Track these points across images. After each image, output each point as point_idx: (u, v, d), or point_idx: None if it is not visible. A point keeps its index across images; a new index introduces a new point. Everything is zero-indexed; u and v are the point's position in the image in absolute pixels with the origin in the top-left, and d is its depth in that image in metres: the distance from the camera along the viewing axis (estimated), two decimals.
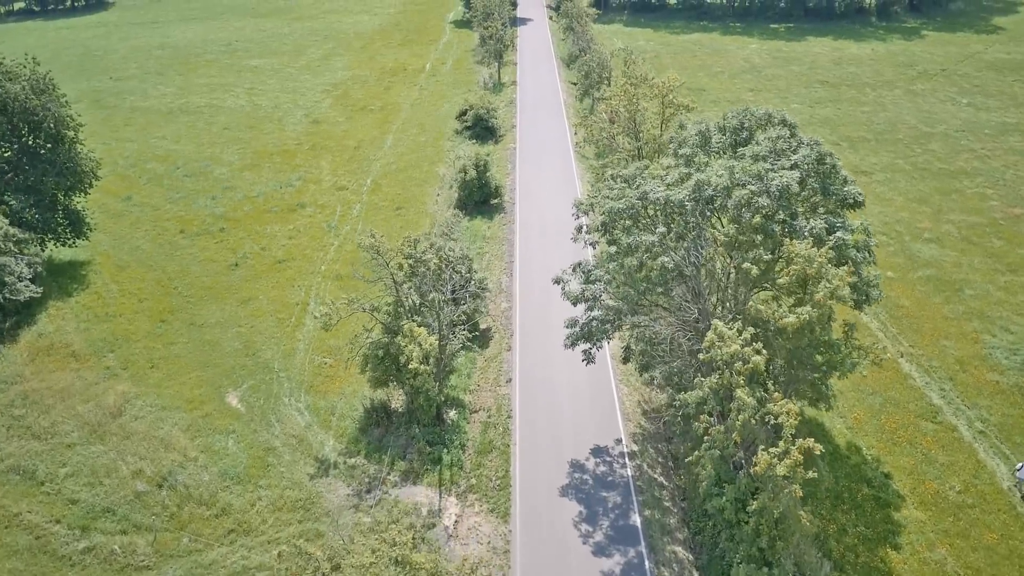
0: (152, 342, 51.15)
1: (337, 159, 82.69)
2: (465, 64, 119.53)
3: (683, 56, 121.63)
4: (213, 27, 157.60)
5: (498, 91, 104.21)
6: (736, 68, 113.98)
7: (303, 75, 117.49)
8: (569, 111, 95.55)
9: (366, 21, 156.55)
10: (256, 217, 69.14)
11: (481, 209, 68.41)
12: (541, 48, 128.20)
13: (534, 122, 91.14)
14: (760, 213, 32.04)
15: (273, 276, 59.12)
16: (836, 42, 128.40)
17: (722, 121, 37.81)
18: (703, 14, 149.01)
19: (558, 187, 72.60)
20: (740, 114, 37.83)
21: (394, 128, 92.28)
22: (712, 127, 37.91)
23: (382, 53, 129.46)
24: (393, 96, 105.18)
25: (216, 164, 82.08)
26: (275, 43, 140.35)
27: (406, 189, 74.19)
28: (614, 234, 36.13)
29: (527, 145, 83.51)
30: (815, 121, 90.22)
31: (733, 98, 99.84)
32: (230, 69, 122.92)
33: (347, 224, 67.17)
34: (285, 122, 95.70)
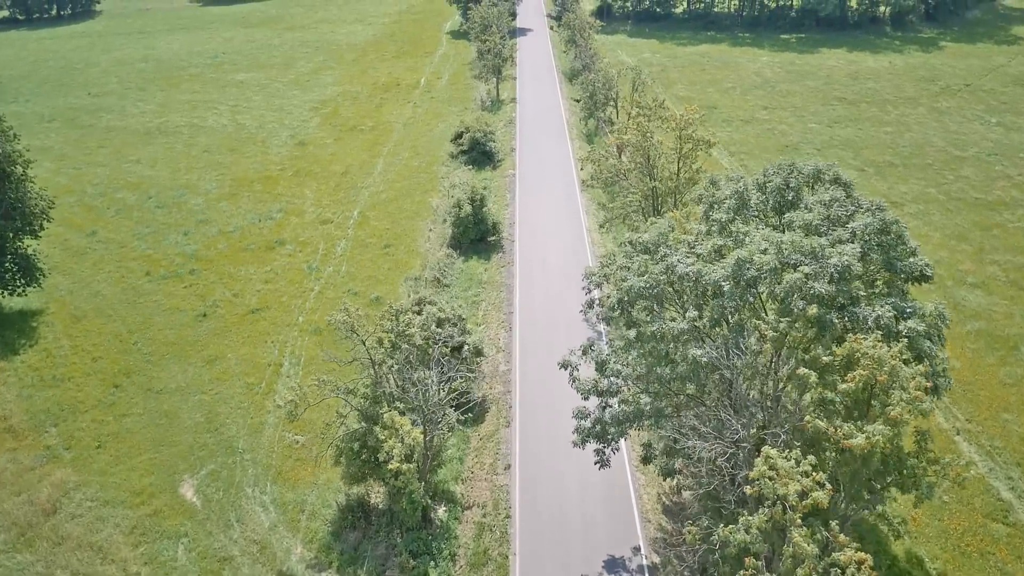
0: (102, 413, 44.97)
1: (322, 187, 76.56)
2: (462, 78, 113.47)
3: (691, 69, 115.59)
4: (201, 38, 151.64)
5: (496, 109, 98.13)
6: (748, 83, 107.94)
7: (291, 91, 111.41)
8: (572, 132, 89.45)
9: (359, 32, 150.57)
10: (230, 256, 62.97)
11: (477, 248, 62.26)
12: (542, 61, 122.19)
13: (535, 145, 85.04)
14: (817, 302, 25.91)
15: (245, 329, 52.94)
16: (851, 54, 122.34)
17: (762, 178, 31.66)
18: (710, 23, 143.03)
19: (562, 221, 66.46)
20: (784, 170, 31.60)
21: (385, 151, 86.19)
22: (750, 184, 31.68)
23: (375, 66, 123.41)
24: (385, 114, 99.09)
25: (192, 193, 75.94)
26: (264, 55, 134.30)
27: (396, 223, 68.04)
28: (633, 315, 30.01)
29: (527, 172, 77.38)
30: (836, 143, 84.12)
31: (747, 116, 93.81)
32: (215, 84, 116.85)
33: (330, 265, 61.02)
34: (269, 144, 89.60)
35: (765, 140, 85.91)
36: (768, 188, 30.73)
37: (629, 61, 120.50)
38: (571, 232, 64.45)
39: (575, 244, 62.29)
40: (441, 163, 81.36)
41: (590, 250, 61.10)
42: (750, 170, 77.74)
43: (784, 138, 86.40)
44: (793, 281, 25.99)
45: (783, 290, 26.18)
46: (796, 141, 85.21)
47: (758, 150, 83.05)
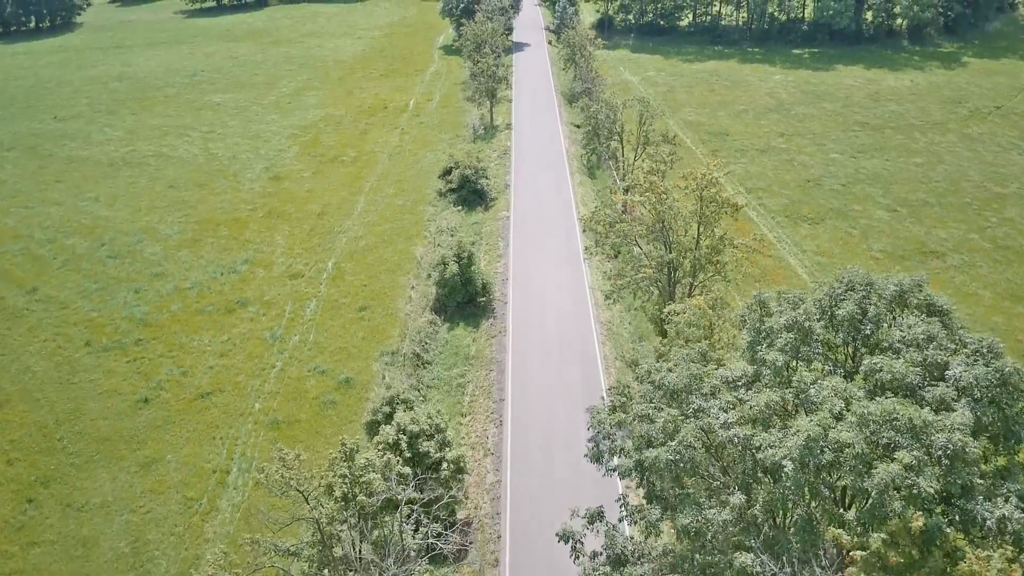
0: (7, 541, 37.30)
1: (295, 231, 68.92)
2: (454, 101, 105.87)
3: (699, 89, 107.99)
4: (181, 53, 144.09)
5: (490, 137, 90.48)
6: (760, 105, 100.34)
7: (270, 115, 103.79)
8: (573, 164, 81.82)
9: (347, 47, 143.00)
10: (184, 321, 55.29)
11: (464, 312, 54.57)
12: (540, 81, 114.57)
13: (532, 180, 77.40)
14: (923, 508, 18.26)
15: (191, 419, 45.27)
16: (869, 72, 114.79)
17: (827, 299, 23.87)
18: (717, 38, 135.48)
19: (562, 276, 58.80)
20: (855, 290, 23.71)
21: (367, 186, 78.55)
22: (812, 309, 23.75)
23: (361, 86, 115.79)
24: (370, 142, 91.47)
25: (150, 239, 68.28)
26: (245, 73, 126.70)
27: (374, 277, 60.37)
28: (657, 487, 22.36)
29: (524, 214, 69.72)
30: (862, 177, 76.49)
31: (762, 145, 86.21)
32: (189, 106, 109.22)
33: (296, 333, 53.35)
34: (241, 178, 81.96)
35: (784, 173, 78.28)
36: (838, 318, 23.05)
37: (633, 80, 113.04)
38: (572, 290, 56.78)
39: (577, 307, 54.63)
40: (428, 202, 73.72)
41: (593, 313, 53.41)
42: (768, 209, 70.20)
43: (805, 171, 78.77)
44: (888, 476, 18.31)
45: (874, 487, 18.50)
46: (818, 175, 77.58)
47: (777, 185, 75.44)
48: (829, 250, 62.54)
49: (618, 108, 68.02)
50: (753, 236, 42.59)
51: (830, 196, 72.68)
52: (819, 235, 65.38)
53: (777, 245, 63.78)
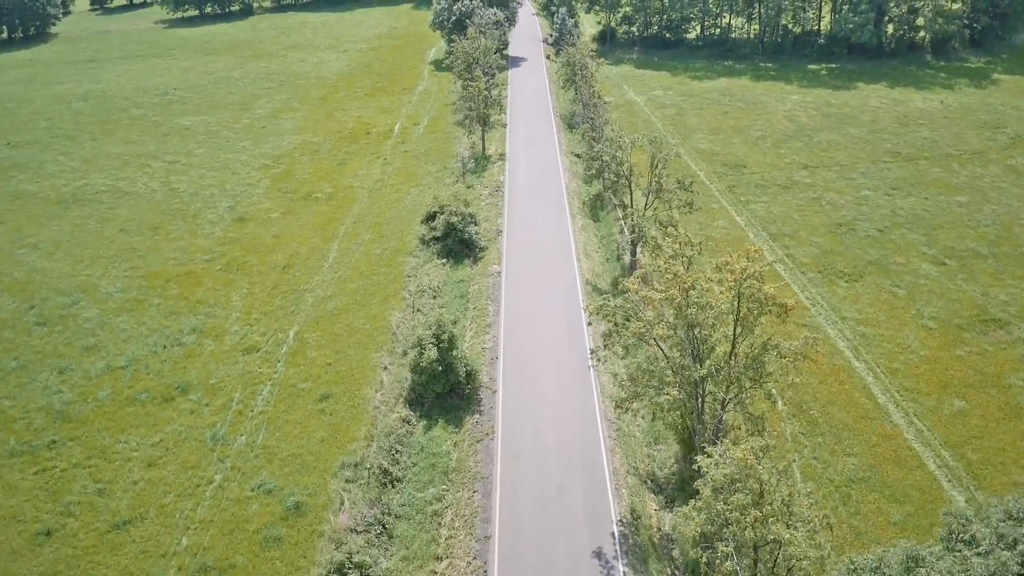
0: None
1: (256, 290, 60.03)
2: (443, 125, 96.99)
3: (711, 112, 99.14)
4: (155, 68, 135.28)
5: (481, 169, 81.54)
6: (779, 131, 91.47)
7: (242, 141, 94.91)
8: (574, 203, 72.91)
9: (332, 61, 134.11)
10: (111, 414, 46.37)
11: (445, 405, 45.61)
12: (537, 101, 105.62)
13: (528, 224, 68.52)
14: None
15: (100, 562, 36.31)
16: (893, 91, 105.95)
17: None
18: (727, 52, 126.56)
19: (562, 354, 49.85)
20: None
21: (342, 230, 69.68)
22: None
23: (344, 107, 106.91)
24: (348, 175, 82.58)
25: (88, 299, 59.39)
26: (220, 92, 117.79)
27: (341, 353, 51.42)
28: None
29: (517, 269, 60.78)
30: (901, 220, 67.61)
31: (784, 179, 77.33)
32: (156, 131, 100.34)
33: (242, 432, 44.42)
34: (201, 220, 73.04)
35: (811, 215, 69.36)
36: None
37: (638, 101, 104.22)
38: (574, 375, 47.85)
39: (581, 397, 45.70)
40: (409, 251, 64.80)
41: (600, 409, 44.50)
42: (797, 261, 61.32)
43: (835, 212, 69.88)
44: None
45: None
46: (851, 217, 68.69)
47: (805, 230, 66.54)
48: (873, 317, 53.60)
49: (626, 147, 59.05)
50: (805, 339, 33.51)
51: (866, 244, 63.78)
52: (859, 296, 56.45)
53: (811, 309, 54.89)
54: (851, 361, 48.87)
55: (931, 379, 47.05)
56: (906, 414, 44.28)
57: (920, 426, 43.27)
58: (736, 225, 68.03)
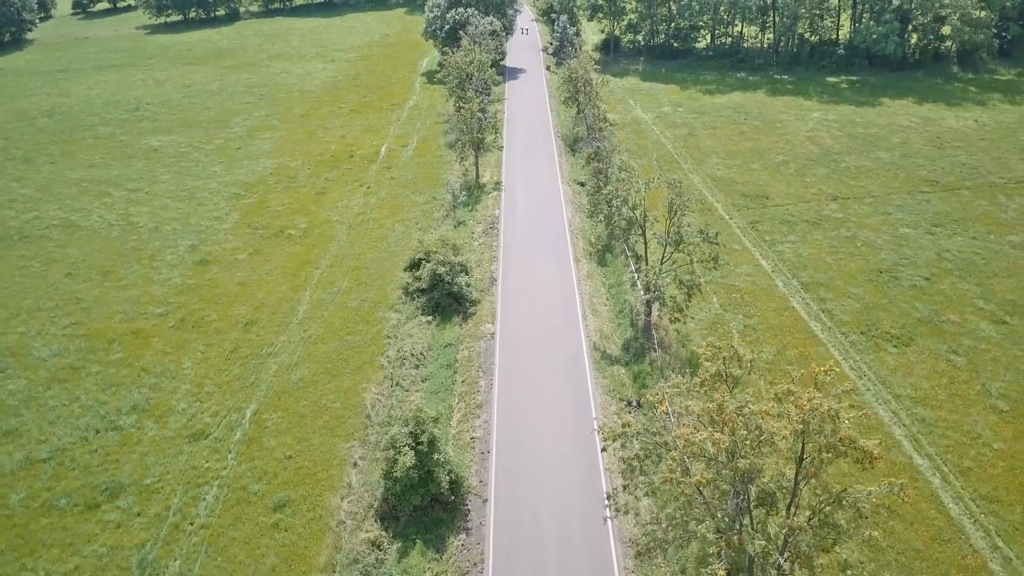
0: None
1: (212, 353, 51.94)
2: (433, 146, 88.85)
3: (725, 131, 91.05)
4: (130, 79, 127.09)
5: (474, 201, 73.39)
6: (802, 154, 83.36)
7: (213, 165, 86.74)
8: (577, 243, 64.83)
9: (318, 72, 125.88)
10: (21, 528, 38.29)
11: (425, 520, 37.49)
12: (536, 119, 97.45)
13: (526, 270, 60.43)
14: None
15: None
16: (922, 107, 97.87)
17: None
18: (739, 63, 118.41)
19: (568, 456, 41.73)
20: None
21: (316, 276, 61.60)
22: None
23: (327, 125, 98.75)
24: (327, 207, 74.46)
25: (17, 365, 51.31)
26: (195, 107, 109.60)
27: (305, 442, 43.36)
28: None
29: (514, 329, 52.66)
30: (949, 267, 59.52)
31: (813, 214, 69.21)
32: (121, 152, 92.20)
33: (175, 555, 36.29)
34: (159, 262, 64.94)
35: (847, 259, 61.30)
36: None
37: (646, 119, 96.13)
38: (581, 486, 39.76)
39: (590, 504, 37.61)
40: (391, 304, 56.71)
41: (614, 531, 36.39)
42: (836, 319, 53.22)
43: (873, 255, 61.81)
44: None
45: None
46: (891, 262, 60.61)
47: (841, 278, 58.44)
48: (931, 395, 45.54)
49: (641, 189, 50.85)
50: (889, 485, 25.36)
51: (913, 297, 55.71)
52: (912, 365, 48.36)
53: (859, 384, 46.82)
54: (912, 456, 40.84)
55: (1011, 482, 39.01)
56: (987, 534, 36.23)
57: (1008, 552, 35.23)
58: (762, 272, 59.95)
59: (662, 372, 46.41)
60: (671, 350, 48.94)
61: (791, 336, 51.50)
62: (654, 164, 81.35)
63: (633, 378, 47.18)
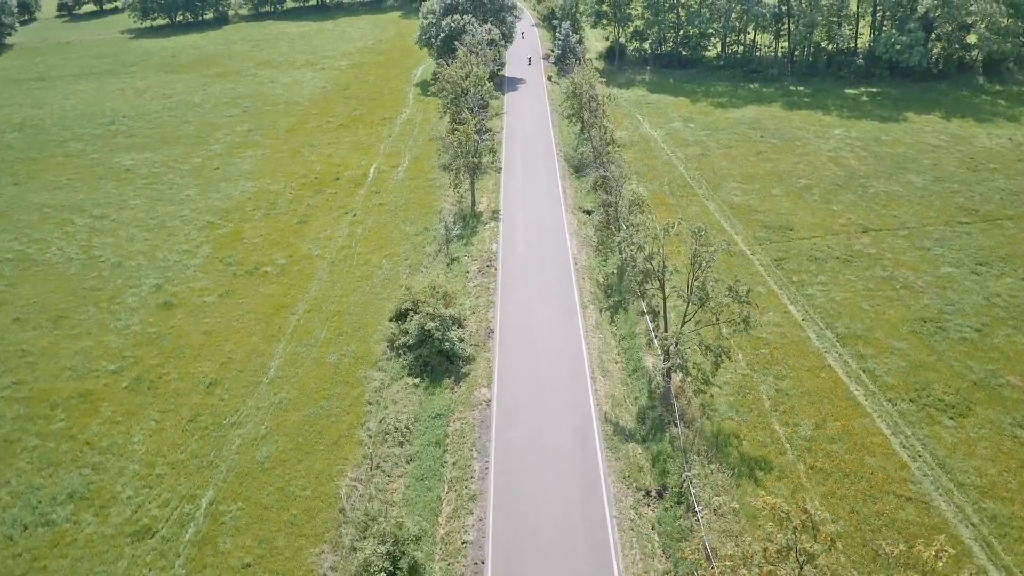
0: None
1: (168, 422, 45.44)
2: (425, 167, 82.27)
3: (741, 150, 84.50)
4: (108, 89, 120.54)
5: (469, 233, 66.81)
6: (826, 177, 76.81)
7: (188, 187, 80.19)
8: (583, 284, 58.28)
9: (307, 82, 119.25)
10: None
11: None
12: (537, 136, 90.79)
13: (527, 318, 53.86)
14: None
15: None
16: (950, 123, 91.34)
17: None
18: (752, 73, 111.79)
19: (580, 568, 35.23)
20: None
21: (292, 323, 55.10)
22: None
23: (313, 142, 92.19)
24: (308, 238, 67.94)
25: None
26: (174, 120, 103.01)
27: (267, 545, 36.80)
28: None
29: (513, 396, 46.11)
30: (1001, 314, 52.97)
31: (843, 249, 62.69)
32: (90, 173, 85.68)
33: None
34: (119, 305, 58.44)
35: (885, 305, 54.74)
36: None
37: (655, 136, 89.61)
38: None
39: None
40: (373, 361, 50.17)
41: None
42: (880, 381, 46.72)
43: (914, 299, 55.28)
44: None
45: None
46: (936, 308, 54.06)
47: (881, 329, 51.91)
48: (1000, 483, 39.05)
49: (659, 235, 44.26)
50: None
51: (965, 353, 49.18)
52: (972, 443, 41.86)
53: (912, 467, 40.33)
54: (988, 569, 34.34)
55: None
56: None
57: None
58: (791, 321, 53.42)
59: (685, 454, 39.94)
60: (694, 425, 42.44)
61: (830, 404, 45.01)
62: (666, 189, 74.85)
63: (652, 460, 40.71)
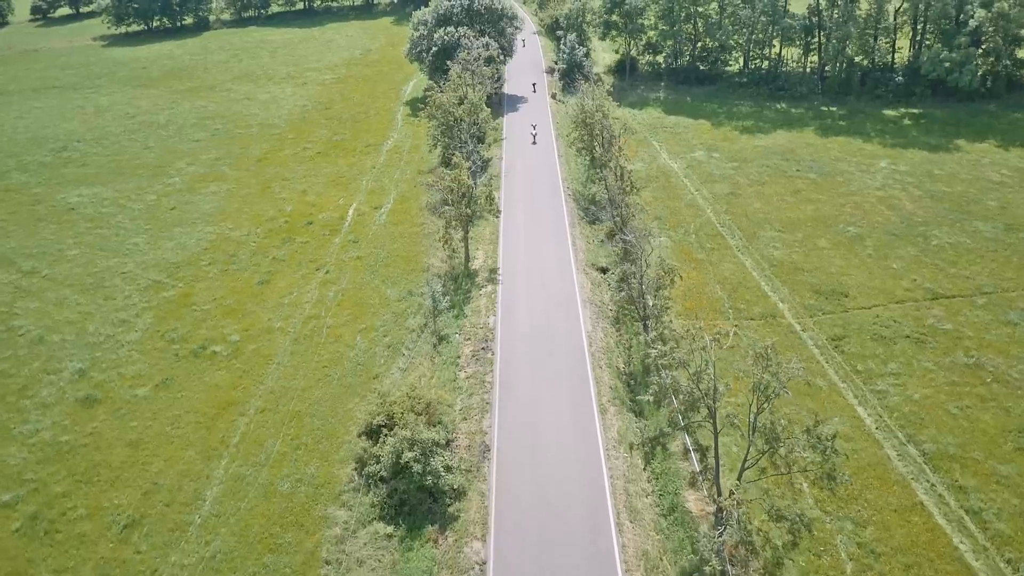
0: None
1: None
2: (412, 208, 71.24)
3: (776, 187, 73.54)
4: (69, 105, 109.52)
5: (462, 300, 55.84)
6: (878, 224, 65.87)
7: (137, 234, 69.24)
8: (602, 376, 47.30)
9: (286, 99, 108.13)
10: None
11: None
12: (541, 170, 79.45)
13: (532, 430, 42.90)
14: None
15: None
16: (1009, 153, 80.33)
17: None
18: (778, 90, 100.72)
19: None
20: None
21: (240, 428, 44.25)
22: None
23: (286, 175, 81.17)
24: (270, 304, 57.02)
25: None
26: (134, 146, 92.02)
27: None
28: None
29: (517, 556, 35.18)
30: None
31: (912, 325, 51.81)
32: (29, 214, 74.71)
33: None
34: (30, 399, 47.56)
35: (976, 407, 43.87)
36: None
37: (674, 168, 78.74)
38: None
39: None
40: (337, 492, 39.29)
41: None
42: (987, 528, 36.02)
43: (1012, 399, 44.42)
44: None
45: None
46: None
47: (977, 444, 41.08)
48: None
49: (708, 346, 33.42)
50: None
51: None
52: None
53: None
54: None
55: None
56: None
57: None
58: (863, 431, 42.52)
59: None
60: None
61: (931, 570, 34.19)
62: (693, 240, 63.99)
63: None
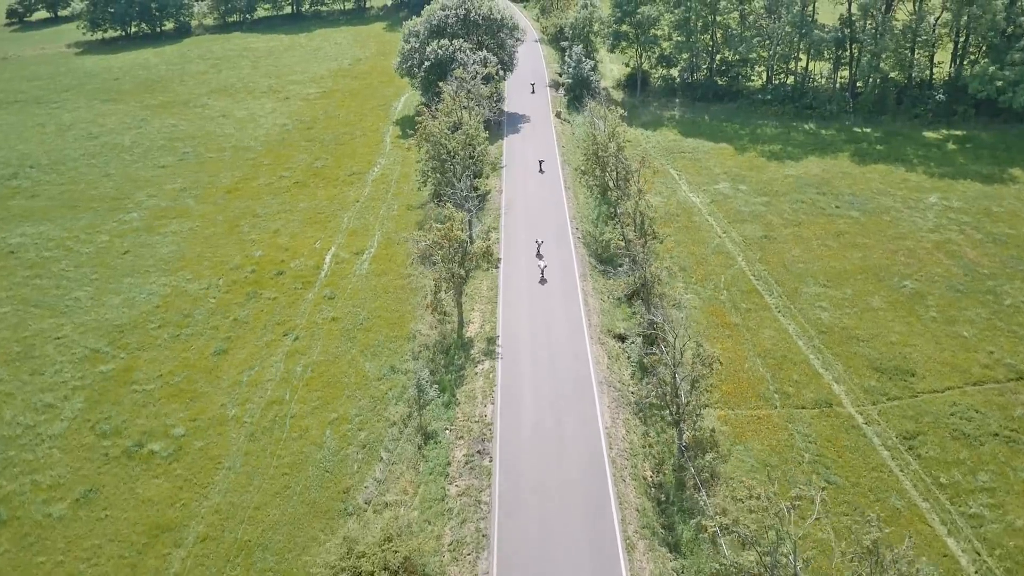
0: None
1: None
2: (398, 254, 61.98)
3: (814, 228, 64.40)
4: (29, 122, 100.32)
5: (454, 383, 46.61)
6: (937, 276, 56.69)
7: (81, 286, 59.97)
8: (627, 491, 38.15)
9: (266, 116, 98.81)
10: None
11: None
12: (546, 207, 70.03)
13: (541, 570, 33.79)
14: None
15: None
16: None
17: None
18: (805, 108, 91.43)
19: None
20: None
21: (171, 570, 34.97)
22: None
23: (258, 210, 71.88)
24: (226, 383, 47.77)
25: None
26: (93, 172, 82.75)
27: None
28: None
29: None
30: None
31: (998, 418, 42.99)
32: None
33: None
34: None
35: None
36: None
37: (697, 203, 69.65)
38: None
39: None
40: None
41: None
42: None
43: None
44: None
45: None
46: None
47: None
48: None
49: (787, 515, 24.30)
50: None
51: None
52: None
53: None
54: None
55: None
56: None
57: None
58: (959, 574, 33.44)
59: None
60: None
61: None
62: (724, 298, 54.80)
63: None
